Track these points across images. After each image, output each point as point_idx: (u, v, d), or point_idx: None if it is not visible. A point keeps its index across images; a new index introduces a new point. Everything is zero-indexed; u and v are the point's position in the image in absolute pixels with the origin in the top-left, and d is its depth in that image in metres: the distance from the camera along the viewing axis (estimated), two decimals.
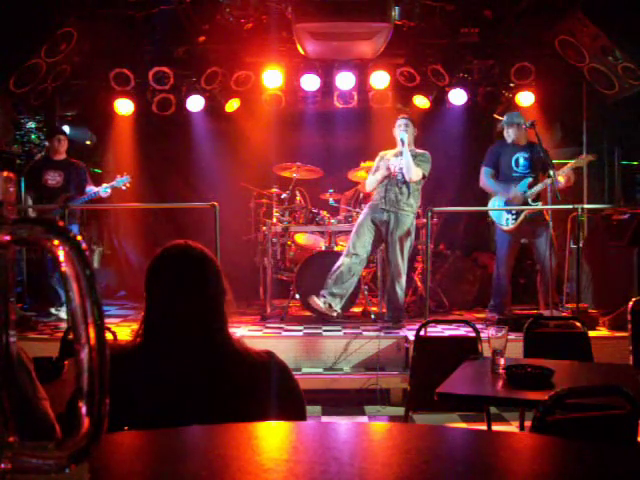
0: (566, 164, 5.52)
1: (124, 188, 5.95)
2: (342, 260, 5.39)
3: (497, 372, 2.37)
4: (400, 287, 5.43)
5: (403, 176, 5.38)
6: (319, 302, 5.30)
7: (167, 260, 1.64)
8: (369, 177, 5.61)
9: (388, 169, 5.44)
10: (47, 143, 6.19)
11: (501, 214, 5.64)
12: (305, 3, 5.41)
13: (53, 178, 5.96)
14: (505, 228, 5.62)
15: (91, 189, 6.00)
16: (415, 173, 5.33)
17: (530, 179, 5.53)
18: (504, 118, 5.82)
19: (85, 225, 7.88)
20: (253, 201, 6.83)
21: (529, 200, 5.51)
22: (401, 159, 5.37)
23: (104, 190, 5.91)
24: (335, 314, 5.37)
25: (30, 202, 5.90)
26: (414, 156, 5.39)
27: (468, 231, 7.97)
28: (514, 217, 5.56)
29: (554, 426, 1.56)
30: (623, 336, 4.03)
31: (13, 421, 0.60)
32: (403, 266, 5.43)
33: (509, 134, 5.69)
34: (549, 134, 6.85)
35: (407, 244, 5.45)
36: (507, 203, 5.61)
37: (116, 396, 0.69)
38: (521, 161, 5.63)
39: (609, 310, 5.27)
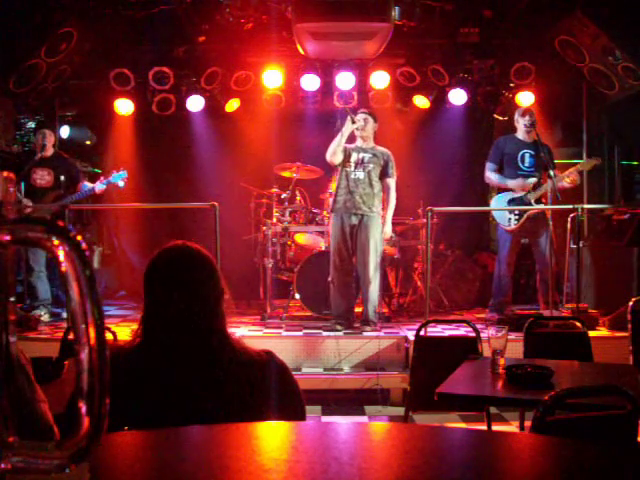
0: (566, 164, 5.51)
1: (121, 184, 5.76)
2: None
3: (497, 372, 2.37)
4: (373, 291, 5.27)
5: (368, 175, 5.26)
6: (339, 327, 5.25)
7: (165, 261, 1.64)
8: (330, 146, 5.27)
9: (352, 163, 5.28)
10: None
11: (504, 214, 5.62)
12: (305, 3, 5.41)
13: (42, 178, 5.69)
14: (508, 228, 5.61)
15: (86, 185, 5.80)
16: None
17: (535, 179, 5.51)
18: (517, 110, 5.78)
19: (85, 225, 7.88)
20: (253, 201, 6.82)
21: (532, 201, 5.50)
22: (362, 156, 5.26)
23: (100, 186, 5.70)
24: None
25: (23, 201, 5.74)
26: (375, 155, 5.29)
27: (468, 231, 7.96)
28: (517, 217, 5.55)
29: (554, 426, 1.56)
30: (623, 336, 4.03)
31: (13, 421, 0.60)
32: (373, 269, 5.23)
33: (520, 126, 5.61)
34: (549, 134, 6.85)
35: (375, 246, 5.25)
36: (510, 203, 5.60)
37: (116, 396, 0.69)
38: (527, 157, 5.58)
39: (609, 310, 5.27)
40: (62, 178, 5.76)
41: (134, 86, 6.82)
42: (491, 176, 5.71)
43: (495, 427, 3.33)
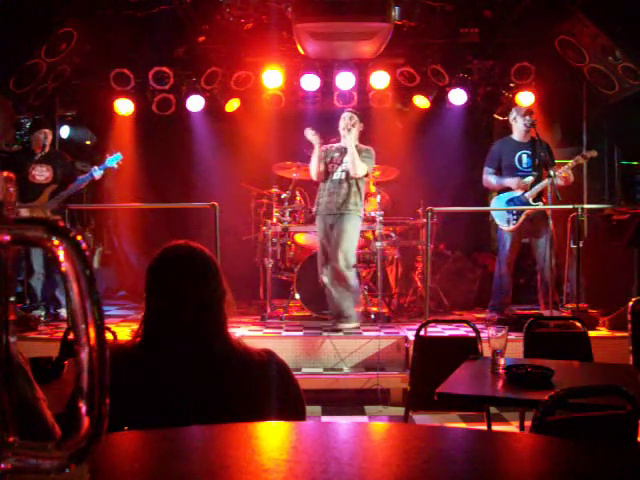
0: (567, 164, 5.51)
1: (116, 167, 5.77)
2: (325, 280, 5.31)
3: (497, 372, 2.37)
4: (343, 289, 5.21)
5: (346, 175, 5.25)
6: (346, 325, 5.24)
7: (167, 260, 1.64)
8: (310, 166, 5.39)
9: (328, 164, 5.31)
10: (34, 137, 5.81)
11: (503, 214, 5.62)
12: (305, 3, 5.41)
13: (41, 174, 5.68)
14: (507, 228, 5.61)
15: (80, 178, 5.79)
16: (360, 168, 5.19)
17: (532, 178, 5.51)
18: (514, 109, 5.77)
19: (85, 225, 7.88)
20: (253, 201, 6.83)
21: (530, 199, 5.50)
22: (344, 155, 5.26)
23: (97, 172, 5.68)
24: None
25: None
26: (358, 152, 5.25)
27: (468, 231, 7.96)
28: (515, 217, 5.55)
29: (554, 426, 1.55)
30: (623, 336, 4.02)
31: (13, 421, 0.60)
32: (344, 266, 5.16)
33: (518, 125, 5.60)
34: (549, 134, 6.85)
35: (347, 243, 5.20)
36: (509, 203, 5.59)
37: (116, 396, 0.69)
38: (524, 158, 5.57)
39: (609, 310, 5.27)
40: (59, 173, 5.78)
41: (134, 86, 6.82)
42: (489, 178, 5.71)
43: (495, 427, 3.32)
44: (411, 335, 4.76)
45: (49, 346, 3.88)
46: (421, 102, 7.29)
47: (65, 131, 7.69)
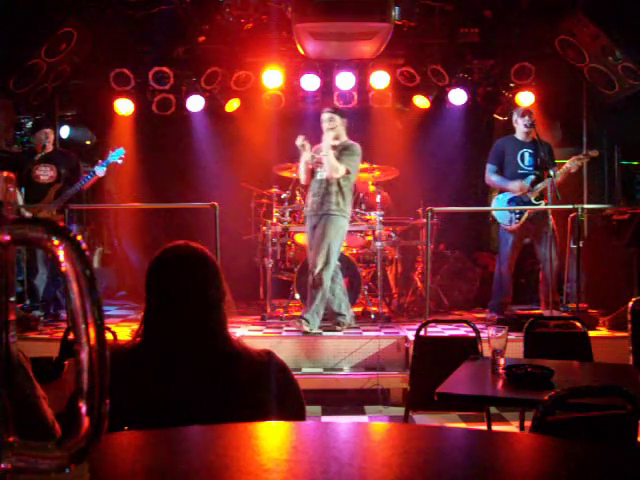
0: (566, 163, 5.51)
1: (120, 162, 5.74)
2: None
3: (497, 372, 2.37)
4: (322, 294, 5.10)
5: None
6: (338, 327, 5.22)
7: (168, 260, 1.64)
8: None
9: (315, 164, 5.24)
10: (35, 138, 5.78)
11: (505, 213, 5.62)
12: (305, 3, 5.41)
13: (45, 173, 5.66)
14: (509, 227, 5.60)
15: (85, 177, 5.74)
16: (335, 169, 5.04)
17: (534, 177, 5.51)
18: (514, 111, 5.78)
19: (85, 225, 7.88)
20: (253, 201, 6.83)
21: (532, 199, 5.50)
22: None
23: (100, 168, 5.64)
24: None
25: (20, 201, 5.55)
26: (340, 150, 5.13)
27: (468, 231, 7.97)
28: (518, 216, 5.54)
29: (554, 426, 1.55)
30: (623, 336, 4.02)
31: (13, 421, 0.60)
32: (320, 269, 5.06)
33: (519, 127, 5.61)
34: (549, 134, 6.85)
35: (324, 246, 5.05)
36: (511, 202, 5.59)
37: (116, 396, 0.69)
38: (527, 156, 5.58)
39: (609, 310, 5.27)
40: (63, 172, 5.77)
41: (134, 86, 6.83)
42: (492, 178, 5.71)
43: (495, 427, 3.32)
44: (411, 335, 4.76)
45: (49, 346, 3.88)
46: (421, 102, 7.29)
47: (65, 131, 7.69)
